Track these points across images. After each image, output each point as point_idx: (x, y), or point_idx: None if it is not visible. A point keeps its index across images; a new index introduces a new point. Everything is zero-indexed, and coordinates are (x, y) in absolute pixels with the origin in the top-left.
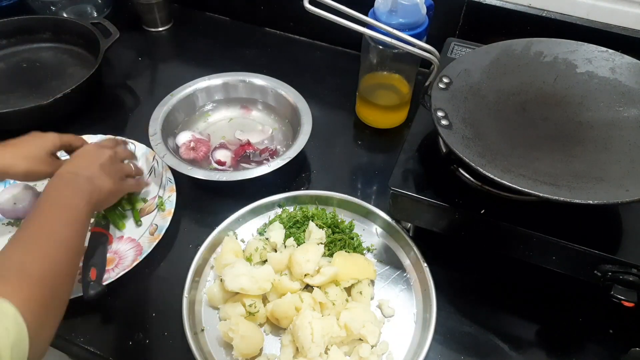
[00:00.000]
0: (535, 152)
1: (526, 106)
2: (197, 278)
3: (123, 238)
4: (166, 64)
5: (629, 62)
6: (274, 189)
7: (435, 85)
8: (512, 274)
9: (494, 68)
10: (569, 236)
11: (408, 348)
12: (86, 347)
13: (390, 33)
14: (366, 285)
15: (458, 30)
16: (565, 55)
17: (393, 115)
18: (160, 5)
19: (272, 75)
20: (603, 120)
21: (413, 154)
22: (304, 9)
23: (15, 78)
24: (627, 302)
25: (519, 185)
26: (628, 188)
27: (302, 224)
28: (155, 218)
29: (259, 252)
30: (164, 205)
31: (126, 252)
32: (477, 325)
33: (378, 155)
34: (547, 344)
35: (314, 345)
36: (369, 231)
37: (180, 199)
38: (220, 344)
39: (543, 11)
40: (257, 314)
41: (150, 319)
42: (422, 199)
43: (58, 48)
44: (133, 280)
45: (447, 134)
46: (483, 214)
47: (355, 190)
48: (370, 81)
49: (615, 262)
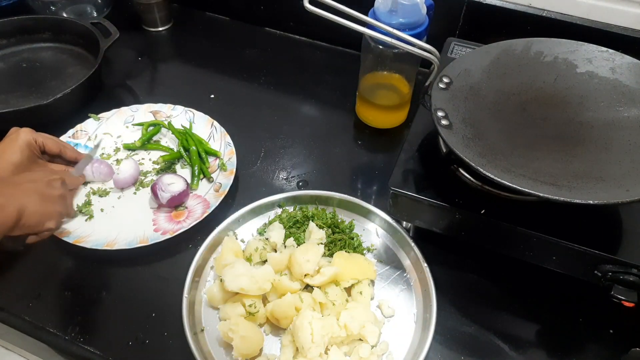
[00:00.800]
0: (535, 152)
1: (526, 106)
2: (197, 278)
3: (190, 194)
4: (166, 64)
5: (629, 62)
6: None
7: (435, 85)
8: (512, 274)
9: (494, 68)
10: (569, 236)
11: (408, 348)
12: (86, 347)
13: (390, 33)
14: (366, 285)
15: (458, 30)
16: (565, 55)
17: (393, 115)
18: (160, 5)
19: (272, 75)
20: (603, 120)
21: (413, 154)
22: (304, 9)
23: (15, 78)
24: (627, 302)
25: (519, 185)
26: (628, 188)
27: (302, 224)
28: (219, 177)
29: (259, 252)
30: (225, 166)
31: (195, 206)
32: (477, 325)
33: (378, 155)
34: (547, 344)
35: (314, 346)
36: (369, 231)
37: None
38: (220, 344)
39: (543, 11)
40: (257, 314)
41: (150, 319)
42: (422, 199)
43: (58, 48)
44: (133, 280)
45: (447, 134)
46: (483, 214)
47: (355, 190)
48: (370, 81)
49: (615, 262)
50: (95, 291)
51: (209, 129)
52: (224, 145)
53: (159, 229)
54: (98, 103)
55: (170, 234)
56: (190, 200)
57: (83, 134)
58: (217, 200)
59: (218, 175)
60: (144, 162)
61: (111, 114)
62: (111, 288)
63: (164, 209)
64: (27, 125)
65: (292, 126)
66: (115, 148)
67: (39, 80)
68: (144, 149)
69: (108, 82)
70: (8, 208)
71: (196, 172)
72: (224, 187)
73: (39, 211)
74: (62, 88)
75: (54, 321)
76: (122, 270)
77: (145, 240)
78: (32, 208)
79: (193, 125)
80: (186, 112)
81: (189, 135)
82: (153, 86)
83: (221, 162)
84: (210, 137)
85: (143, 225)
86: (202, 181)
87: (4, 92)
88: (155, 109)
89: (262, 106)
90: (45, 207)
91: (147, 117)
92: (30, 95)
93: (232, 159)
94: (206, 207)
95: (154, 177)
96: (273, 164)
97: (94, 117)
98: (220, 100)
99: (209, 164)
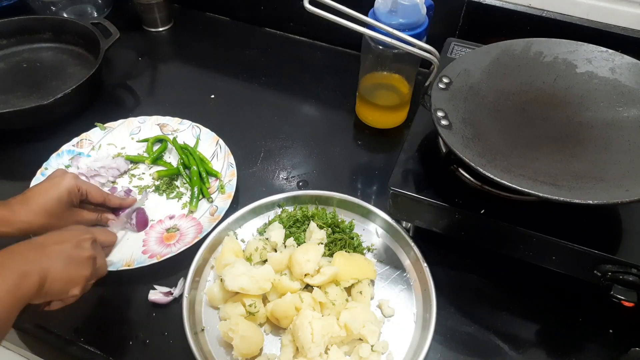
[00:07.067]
0: (535, 152)
1: (526, 106)
2: (197, 278)
3: (185, 216)
4: (166, 64)
5: (629, 62)
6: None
7: (435, 85)
8: (512, 273)
9: (494, 68)
10: (569, 236)
11: (408, 348)
12: (86, 347)
13: (390, 33)
14: (366, 285)
15: (458, 30)
16: (565, 56)
17: (393, 115)
18: (161, 6)
19: (272, 75)
20: (603, 120)
21: (413, 154)
22: (304, 9)
23: (15, 78)
24: (627, 302)
25: (519, 185)
26: (628, 188)
27: (302, 223)
28: (217, 199)
29: (259, 252)
30: (224, 188)
31: (187, 229)
32: (477, 325)
33: (378, 155)
34: (547, 344)
35: (314, 345)
36: (369, 231)
37: None
38: (220, 344)
39: (543, 11)
40: (257, 314)
41: (150, 319)
42: (422, 199)
43: (58, 48)
44: (133, 280)
45: (447, 134)
46: (483, 214)
47: (355, 190)
48: (370, 81)
49: (615, 262)
50: (95, 291)
51: (214, 147)
52: (227, 165)
53: (147, 250)
54: (98, 103)
55: (157, 259)
56: (184, 222)
57: (87, 143)
58: (211, 226)
59: (216, 197)
60: (143, 177)
61: (118, 124)
62: (111, 288)
63: (156, 229)
64: (27, 125)
65: (292, 126)
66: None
67: (39, 80)
68: (142, 161)
69: (108, 82)
70: (32, 276)
71: (196, 193)
72: (219, 210)
73: (63, 278)
74: (63, 88)
75: (54, 321)
76: (121, 271)
77: (131, 263)
78: (56, 274)
79: (199, 141)
80: (193, 127)
81: (191, 154)
82: (153, 86)
83: (221, 183)
84: (214, 156)
85: (133, 245)
86: (201, 201)
87: (5, 92)
88: (163, 121)
89: (262, 106)
90: (71, 272)
91: (154, 129)
92: (31, 95)
93: (232, 182)
94: (198, 232)
95: (151, 192)
96: (273, 164)
97: (100, 127)
98: (221, 100)
99: (209, 184)
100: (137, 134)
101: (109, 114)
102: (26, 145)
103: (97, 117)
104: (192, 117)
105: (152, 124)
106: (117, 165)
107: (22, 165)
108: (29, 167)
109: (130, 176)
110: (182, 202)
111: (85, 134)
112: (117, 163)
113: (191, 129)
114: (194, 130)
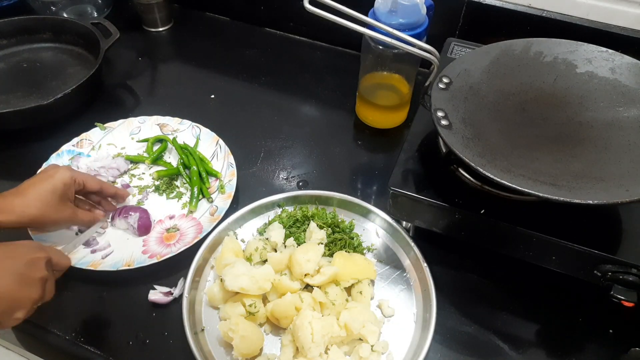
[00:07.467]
0: (535, 152)
1: (526, 106)
2: (197, 278)
3: (185, 216)
4: (166, 64)
5: (629, 62)
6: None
7: (435, 85)
8: (512, 273)
9: (494, 68)
10: (569, 236)
11: (408, 348)
12: (86, 347)
13: (390, 33)
14: (366, 285)
15: (458, 30)
16: (565, 56)
17: (393, 115)
18: (160, 6)
19: (272, 75)
20: (603, 120)
21: (413, 154)
22: (304, 9)
23: (15, 78)
24: (627, 302)
25: (519, 185)
26: (628, 188)
27: (302, 223)
28: (217, 199)
29: (259, 252)
30: (224, 188)
31: (187, 229)
32: (477, 325)
33: (378, 155)
34: (547, 344)
35: (314, 345)
36: (368, 231)
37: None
38: (220, 344)
39: (543, 11)
40: (257, 314)
41: (150, 319)
42: (422, 199)
43: (58, 48)
44: (133, 280)
45: (447, 134)
46: (483, 214)
47: (355, 190)
48: (370, 81)
49: (615, 262)
50: (95, 291)
51: (214, 147)
52: (227, 165)
53: (147, 251)
54: (98, 103)
55: (157, 259)
56: (184, 222)
57: (87, 143)
58: (211, 226)
59: (216, 197)
60: (143, 177)
61: (118, 124)
62: (111, 288)
63: (156, 229)
64: (28, 125)
65: (292, 126)
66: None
67: (39, 80)
68: (142, 161)
69: (108, 82)
70: None
71: (195, 193)
72: (219, 210)
73: (10, 297)
74: (63, 88)
75: (54, 321)
76: (121, 271)
77: (131, 263)
78: (2, 292)
79: (199, 141)
80: (193, 127)
81: (191, 154)
82: (153, 86)
83: (221, 183)
84: (214, 156)
85: (133, 245)
86: (201, 201)
87: (5, 92)
88: (163, 122)
89: (262, 106)
90: (19, 292)
91: (154, 129)
92: (31, 95)
93: (232, 181)
94: (198, 232)
95: (151, 192)
96: (273, 164)
97: (100, 127)
98: (221, 100)
99: (209, 184)
100: (137, 134)
101: (109, 114)
102: (26, 145)
103: (97, 117)
104: (192, 117)
105: (152, 124)
106: (117, 165)
107: (22, 165)
108: (29, 167)
109: (130, 176)
110: (182, 202)
111: (85, 134)
112: (117, 163)
113: (191, 129)
114: (194, 130)
